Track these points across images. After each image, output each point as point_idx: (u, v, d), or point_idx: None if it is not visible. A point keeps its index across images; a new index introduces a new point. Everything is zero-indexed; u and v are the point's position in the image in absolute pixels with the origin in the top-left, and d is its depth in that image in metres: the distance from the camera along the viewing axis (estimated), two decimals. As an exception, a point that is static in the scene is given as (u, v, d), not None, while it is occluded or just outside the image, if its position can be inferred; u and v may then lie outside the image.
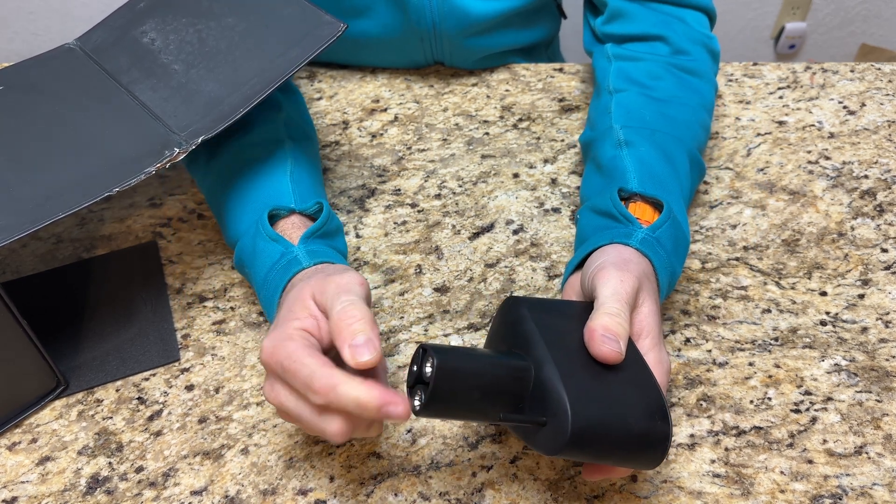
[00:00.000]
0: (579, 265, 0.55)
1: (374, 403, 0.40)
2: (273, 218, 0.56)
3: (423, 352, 0.42)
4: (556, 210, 0.69)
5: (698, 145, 0.65)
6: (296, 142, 0.63)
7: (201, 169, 0.64)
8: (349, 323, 0.42)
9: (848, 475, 0.50)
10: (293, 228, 0.55)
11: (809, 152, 0.74)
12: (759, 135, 0.76)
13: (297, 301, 0.46)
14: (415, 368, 0.42)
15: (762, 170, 0.72)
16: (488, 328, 0.49)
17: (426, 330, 0.60)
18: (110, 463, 0.53)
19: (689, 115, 0.65)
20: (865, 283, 0.62)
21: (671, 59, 0.68)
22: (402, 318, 0.61)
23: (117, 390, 0.58)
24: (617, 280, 0.48)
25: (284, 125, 0.64)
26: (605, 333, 0.45)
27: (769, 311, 0.60)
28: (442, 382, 0.41)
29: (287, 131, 0.63)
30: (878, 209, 0.68)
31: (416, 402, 0.42)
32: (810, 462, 0.51)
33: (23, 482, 0.52)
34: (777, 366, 0.57)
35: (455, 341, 0.59)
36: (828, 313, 0.60)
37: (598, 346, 0.44)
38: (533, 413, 0.43)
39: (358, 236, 0.68)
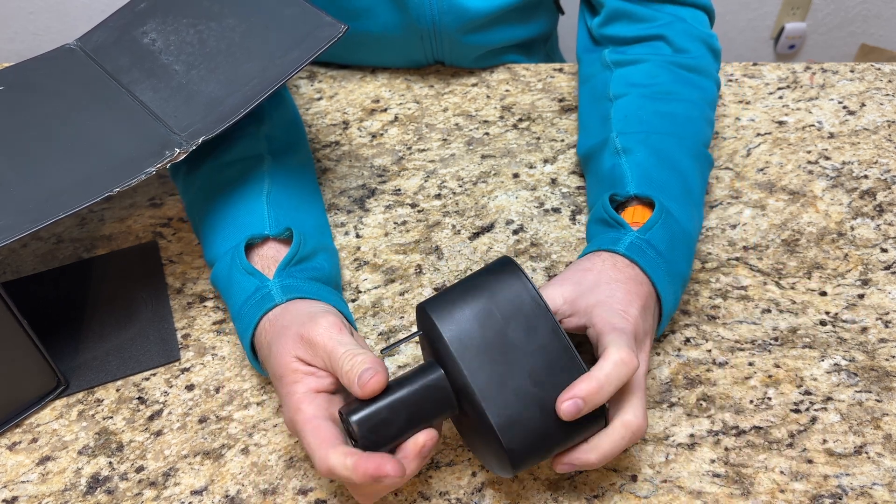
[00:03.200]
0: None
1: (359, 474, 0.42)
2: (249, 244, 0.56)
3: (342, 415, 0.44)
4: (556, 210, 0.69)
5: (703, 139, 0.64)
6: (276, 157, 0.63)
7: (182, 183, 0.65)
8: (356, 368, 0.44)
9: (848, 475, 0.50)
10: (268, 258, 0.56)
11: (809, 152, 0.74)
12: (758, 135, 0.76)
13: (283, 367, 0.48)
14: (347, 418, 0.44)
15: (762, 170, 0.72)
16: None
17: (426, 330, 0.60)
18: (110, 463, 0.53)
19: (690, 110, 0.65)
20: (865, 283, 0.62)
21: (671, 58, 0.68)
22: (402, 317, 0.61)
23: (117, 390, 0.58)
24: (624, 351, 0.46)
25: (266, 139, 0.64)
26: (576, 399, 0.44)
27: (769, 310, 0.60)
28: (368, 442, 0.43)
29: (268, 146, 0.63)
30: (877, 209, 0.68)
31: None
32: (810, 462, 0.51)
33: (23, 482, 0.52)
34: (777, 366, 0.57)
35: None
36: (827, 313, 0.60)
37: (563, 405, 0.43)
38: (468, 425, 0.46)
39: (358, 236, 0.68)
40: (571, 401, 0.43)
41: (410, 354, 0.59)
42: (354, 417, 0.43)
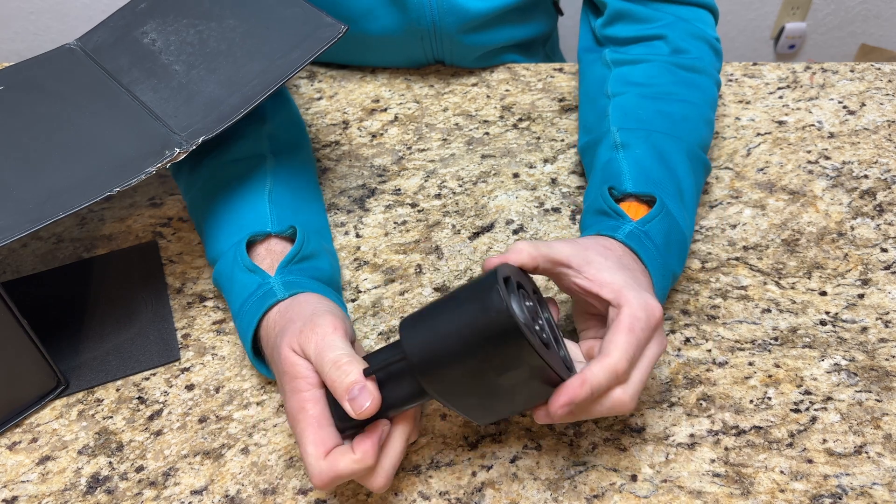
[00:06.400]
0: None
1: (361, 450, 0.43)
2: (251, 241, 0.56)
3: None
4: (556, 210, 0.69)
5: (700, 141, 0.64)
6: (278, 156, 0.63)
7: (184, 181, 0.65)
8: (342, 379, 0.44)
9: (848, 475, 0.50)
10: (270, 254, 0.55)
11: (809, 152, 0.74)
12: (758, 135, 0.76)
13: (287, 363, 0.47)
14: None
15: (762, 170, 0.72)
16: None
17: (426, 330, 0.60)
18: (110, 462, 0.53)
19: (689, 111, 0.64)
20: (865, 282, 0.62)
21: (670, 58, 0.68)
22: (402, 317, 0.61)
23: (117, 390, 0.58)
24: (628, 334, 0.46)
25: (268, 138, 0.64)
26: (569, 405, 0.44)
27: (769, 310, 0.60)
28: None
29: (270, 145, 0.63)
30: (877, 209, 0.68)
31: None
32: (810, 462, 0.51)
33: (23, 482, 0.52)
34: (777, 365, 0.57)
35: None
36: (827, 313, 0.60)
37: (559, 410, 0.43)
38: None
39: (358, 236, 0.68)
40: (566, 408, 0.43)
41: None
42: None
